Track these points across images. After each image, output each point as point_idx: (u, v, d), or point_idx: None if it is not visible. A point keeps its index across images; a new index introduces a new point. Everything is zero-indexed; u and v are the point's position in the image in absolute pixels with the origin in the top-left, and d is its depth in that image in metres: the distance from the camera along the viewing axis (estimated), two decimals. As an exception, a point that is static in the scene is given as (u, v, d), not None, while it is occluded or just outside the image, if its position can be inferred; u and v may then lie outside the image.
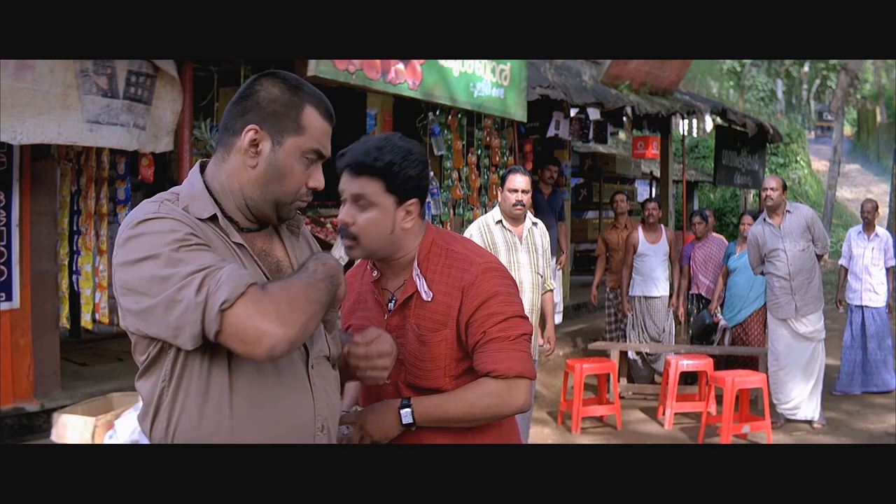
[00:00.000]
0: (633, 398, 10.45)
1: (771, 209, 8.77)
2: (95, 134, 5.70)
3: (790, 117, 40.63)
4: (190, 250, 2.12)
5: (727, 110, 15.16)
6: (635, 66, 11.94)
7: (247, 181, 2.34)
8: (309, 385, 2.41)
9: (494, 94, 8.64)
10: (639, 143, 13.90)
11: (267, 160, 2.32)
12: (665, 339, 10.55)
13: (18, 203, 6.64)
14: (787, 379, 8.79)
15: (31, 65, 5.16)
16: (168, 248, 2.10)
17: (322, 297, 2.21)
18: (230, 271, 2.09)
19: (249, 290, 2.07)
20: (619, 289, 10.92)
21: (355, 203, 2.75)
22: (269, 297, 2.09)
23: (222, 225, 2.32)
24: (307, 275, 2.22)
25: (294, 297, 2.14)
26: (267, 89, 2.34)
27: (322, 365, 2.48)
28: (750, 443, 8.37)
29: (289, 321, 2.10)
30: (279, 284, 2.15)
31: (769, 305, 8.99)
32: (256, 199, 2.36)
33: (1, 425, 6.48)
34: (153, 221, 2.16)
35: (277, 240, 2.50)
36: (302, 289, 2.16)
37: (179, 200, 2.31)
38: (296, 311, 2.13)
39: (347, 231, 2.74)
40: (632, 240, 10.54)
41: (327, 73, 6.44)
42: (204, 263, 2.10)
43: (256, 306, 2.07)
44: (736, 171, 16.72)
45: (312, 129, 2.34)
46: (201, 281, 2.07)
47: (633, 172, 20.36)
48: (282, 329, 2.08)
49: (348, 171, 2.75)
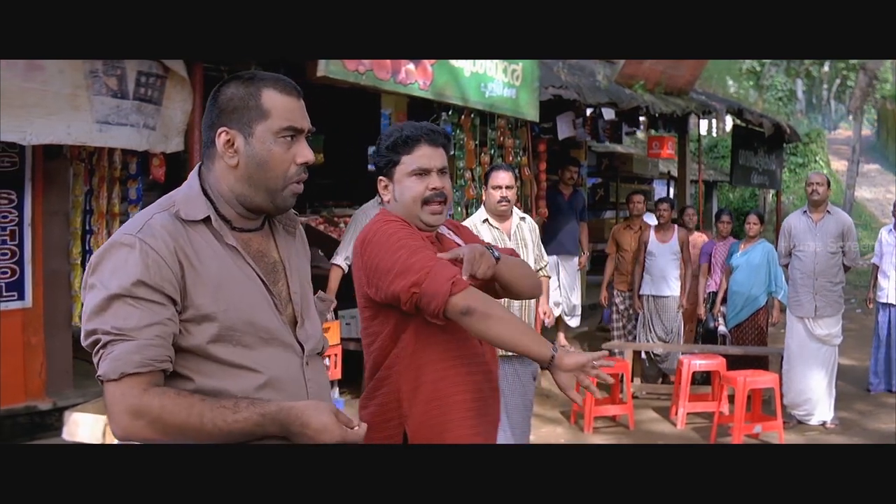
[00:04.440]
0: (646, 398, 10.44)
1: (816, 203, 8.84)
2: (105, 134, 5.74)
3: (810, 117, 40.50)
4: (125, 304, 2.20)
5: (743, 110, 15.13)
6: (650, 66, 11.92)
7: (234, 180, 2.40)
8: (304, 383, 2.46)
9: (506, 94, 8.65)
10: (654, 143, 13.88)
11: (245, 154, 2.38)
12: (673, 339, 10.53)
13: (31, 202, 6.69)
14: (797, 378, 8.78)
15: (41, 65, 5.20)
16: (112, 291, 2.21)
17: (218, 436, 2.23)
18: (124, 350, 2.18)
19: (125, 381, 2.17)
20: (627, 291, 10.93)
21: (440, 173, 3.29)
22: (153, 402, 2.18)
23: (215, 227, 2.36)
24: (228, 413, 2.23)
25: (181, 424, 2.20)
26: (224, 93, 2.41)
27: (314, 360, 2.54)
28: (762, 442, 8.35)
29: (148, 431, 2.20)
30: (184, 402, 2.20)
31: (789, 302, 9.00)
32: (248, 194, 2.41)
33: (14, 423, 6.53)
34: (124, 250, 2.25)
35: (273, 240, 2.54)
36: (197, 420, 2.20)
37: (175, 204, 2.37)
38: (169, 431, 2.21)
39: (443, 194, 3.28)
40: (643, 238, 10.55)
41: (337, 74, 6.46)
42: (120, 325, 2.19)
43: (126, 402, 2.18)
44: (753, 171, 16.68)
45: (277, 109, 2.39)
46: (104, 344, 2.20)
47: (651, 172, 20.30)
48: (132, 435, 2.21)
49: (430, 144, 3.28)
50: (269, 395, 2.33)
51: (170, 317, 2.23)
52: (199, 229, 2.35)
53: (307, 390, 2.45)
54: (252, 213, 2.46)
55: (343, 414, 2.30)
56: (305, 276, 2.63)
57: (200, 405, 2.20)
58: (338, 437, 2.24)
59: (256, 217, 2.49)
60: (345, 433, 2.26)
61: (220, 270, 2.33)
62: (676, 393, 9.22)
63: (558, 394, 10.02)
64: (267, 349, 2.38)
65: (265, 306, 2.40)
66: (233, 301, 2.32)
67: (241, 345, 2.33)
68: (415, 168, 3.27)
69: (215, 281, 2.31)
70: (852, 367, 11.28)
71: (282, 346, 2.42)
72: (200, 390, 2.27)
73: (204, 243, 2.34)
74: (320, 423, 2.24)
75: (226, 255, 2.37)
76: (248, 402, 2.25)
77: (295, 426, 2.24)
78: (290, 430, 2.25)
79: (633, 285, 10.73)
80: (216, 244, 2.36)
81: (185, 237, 2.31)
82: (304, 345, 2.48)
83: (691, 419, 9.15)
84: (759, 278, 9.73)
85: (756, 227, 10.05)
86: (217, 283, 2.31)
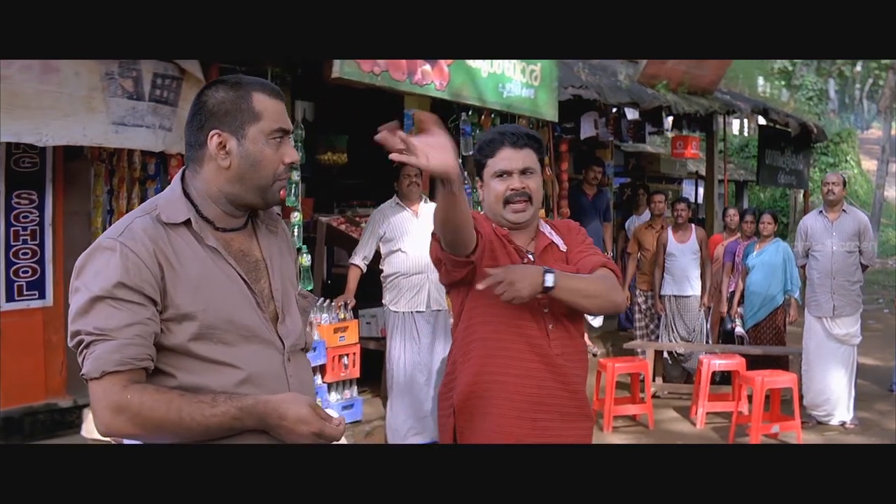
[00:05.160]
0: (668, 397, 10.44)
1: (832, 203, 8.87)
2: (121, 136, 5.82)
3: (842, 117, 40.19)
4: (106, 305, 2.28)
5: (769, 109, 15.05)
6: (672, 66, 11.88)
7: (225, 181, 2.47)
8: (286, 379, 2.51)
9: (525, 95, 8.66)
10: (678, 143, 13.83)
11: (238, 155, 2.45)
12: (696, 338, 10.52)
13: (51, 203, 6.81)
14: (816, 378, 8.76)
15: (56, 68, 5.27)
16: (94, 293, 2.29)
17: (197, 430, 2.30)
18: (105, 349, 2.26)
19: (106, 379, 2.25)
20: (649, 290, 10.93)
21: (523, 172, 3.42)
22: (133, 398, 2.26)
23: (196, 229, 2.43)
24: (206, 408, 2.29)
25: (160, 420, 2.27)
26: (212, 97, 2.48)
27: (297, 357, 2.60)
28: (780, 442, 8.34)
29: (130, 427, 2.28)
30: (162, 398, 2.28)
31: (807, 302, 9.00)
32: (240, 193, 2.48)
33: (34, 420, 6.63)
34: (106, 253, 2.33)
35: (255, 239, 2.60)
36: (176, 415, 2.27)
37: (157, 208, 2.44)
38: (149, 427, 2.28)
39: (525, 193, 3.41)
40: (661, 240, 10.56)
41: (352, 75, 6.49)
42: (102, 326, 2.27)
43: (107, 398, 2.26)
44: (780, 171, 16.59)
45: (267, 111, 2.47)
46: (87, 343, 2.28)
47: (678, 172, 20.22)
48: (114, 430, 2.29)
49: (513, 146, 3.43)
50: (249, 391, 2.38)
51: (150, 317, 2.30)
52: (181, 231, 2.42)
53: (289, 385, 2.50)
54: (238, 212, 2.53)
55: (321, 408, 2.36)
56: (289, 273, 2.69)
57: (179, 400, 2.27)
58: (315, 428, 2.29)
59: (240, 216, 2.55)
60: (322, 426, 2.30)
61: (199, 271, 2.40)
62: (696, 393, 9.22)
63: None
64: (247, 346, 2.43)
65: (245, 304, 2.46)
66: (212, 300, 2.39)
67: (221, 342, 2.39)
68: (496, 170, 3.44)
69: (195, 281, 2.38)
70: (876, 367, 11.23)
71: (262, 343, 2.47)
72: (182, 387, 2.33)
73: (184, 245, 2.41)
74: (297, 415, 2.29)
75: (206, 255, 2.43)
76: (225, 396, 2.31)
77: (272, 419, 2.30)
78: (268, 422, 2.31)
79: (654, 287, 10.73)
80: (197, 245, 2.43)
81: (166, 239, 2.38)
82: (285, 341, 2.54)
83: (711, 419, 9.13)
84: (775, 278, 9.71)
85: (770, 226, 10.04)
86: (197, 283, 2.38)
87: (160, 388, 2.30)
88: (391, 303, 7.57)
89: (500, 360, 3.39)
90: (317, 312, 7.65)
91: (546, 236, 3.55)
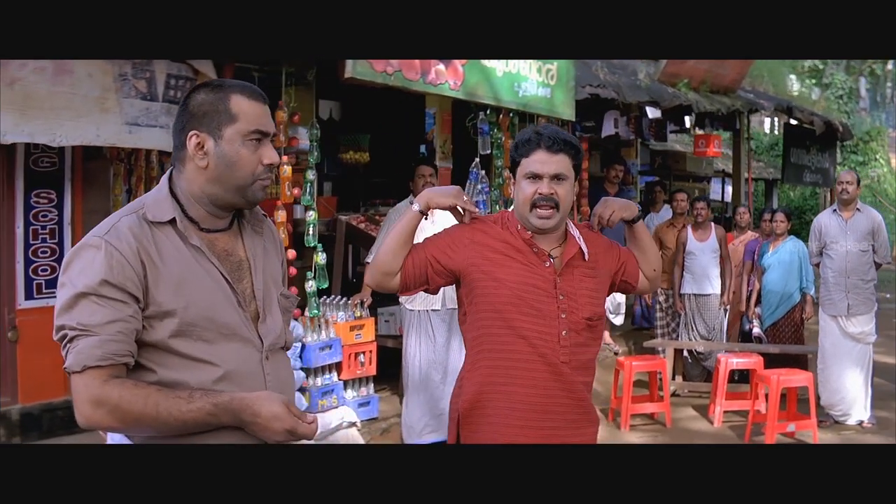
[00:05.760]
0: (688, 396, 10.43)
1: (845, 202, 8.84)
2: (135, 136, 5.89)
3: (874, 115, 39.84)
4: (90, 302, 2.35)
5: (793, 108, 14.99)
6: (693, 65, 11.87)
7: (204, 181, 2.53)
8: (263, 377, 2.57)
9: (541, 94, 8.68)
10: (700, 141, 13.82)
11: (215, 156, 2.51)
12: (716, 336, 10.51)
13: (70, 202, 6.91)
14: (832, 377, 8.75)
15: (70, 69, 5.35)
16: (79, 289, 2.36)
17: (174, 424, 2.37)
18: (87, 344, 2.34)
19: (87, 373, 2.33)
20: (671, 289, 10.93)
21: (554, 178, 3.38)
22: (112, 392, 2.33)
23: (181, 228, 2.50)
24: (182, 403, 2.36)
25: (138, 413, 2.34)
26: (193, 98, 2.54)
27: (276, 356, 2.65)
28: (796, 441, 8.32)
29: (109, 420, 2.36)
30: (140, 392, 2.35)
31: (822, 301, 8.98)
32: (219, 193, 2.54)
33: (52, 417, 6.73)
34: (91, 251, 2.41)
35: (240, 239, 2.67)
36: (153, 409, 2.34)
37: (144, 207, 2.52)
38: (127, 420, 2.36)
39: (552, 199, 3.36)
40: (681, 238, 10.56)
41: (364, 75, 6.52)
42: (85, 322, 2.34)
43: (88, 392, 2.33)
44: (805, 170, 16.58)
45: (245, 114, 2.52)
46: (71, 338, 2.36)
47: (705, 170, 20.16)
48: (94, 423, 2.36)
49: (548, 150, 3.38)
50: (226, 388, 2.45)
51: (132, 314, 2.37)
52: (166, 230, 2.49)
53: (266, 383, 2.56)
54: (222, 212, 2.59)
55: (296, 407, 2.43)
56: (273, 273, 2.76)
57: (156, 395, 2.34)
58: (288, 425, 2.36)
59: (224, 217, 2.61)
60: (295, 423, 2.38)
61: (182, 269, 2.47)
62: (714, 391, 9.23)
63: (599, 392, 10.07)
64: (226, 344, 2.50)
65: (226, 303, 2.52)
66: (193, 298, 2.45)
67: (200, 339, 2.46)
68: (528, 171, 3.40)
69: (177, 279, 2.45)
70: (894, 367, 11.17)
71: (241, 341, 2.54)
72: (162, 382, 2.41)
73: (169, 243, 2.48)
74: (270, 412, 2.36)
75: (189, 254, 2.50)
76: (202, 393, 2.38)
77: (246, 415, 2.37)
78: (243, 419, 2.38)
79: (673, 286, 10.73)
80: (181, 244, 2.50)
81: (150, 238, 2.45)
82: (265, 339, 2.60)
83: (729, 417, 9.13)
84: (792, 276, 9.72)
85: (784, 224, 10.05)
86: (178, 281, 2.45)
87: (139, 383, 2.36)
88: (407, 301, 7.61)
89: (506, 369, 3.39)
90: (333, 310, 7.72)
91: (575, 241, 3.51)
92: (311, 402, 7.26)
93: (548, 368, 3.38)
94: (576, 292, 3.44)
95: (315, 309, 7.42)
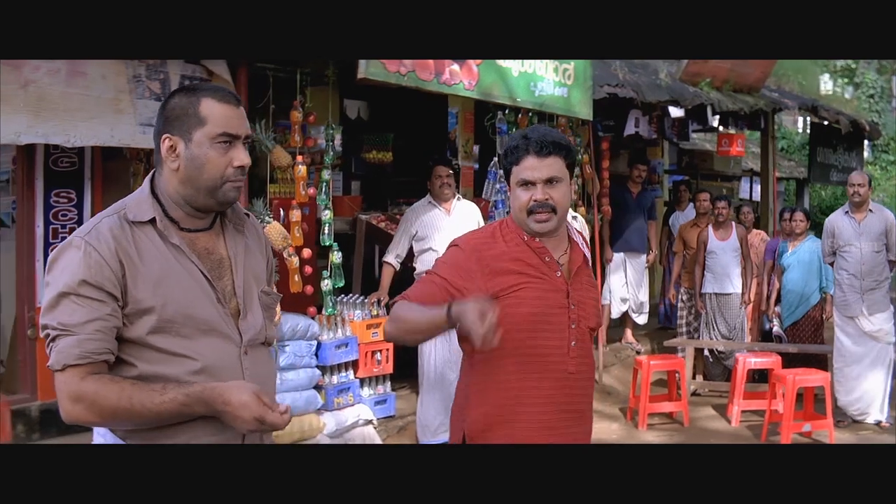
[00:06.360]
0: (708, 395, 10.45)
1: (858, 205, 8.80)
2: (148, 136, 5.92)
3: (907, 114, 39.45)
4: (70, 302, 2.45)
5: (818, 107, 14.91)
6: (715, 64, 11.83)
7: (178, 182, 2.61)
8: (241, 371, 2.65)
9: (557, 94, 8.69)
10: (723, 140, 13.79)
11: (185, 158, 2.59)
12: (737, 336, 10.50)
13: (90, 201, 7.01)
14: (851, 377, 8.72)
15: (83, 71, 5.44)
16: (60, 289, 2.47)
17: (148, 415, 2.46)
18: (66, 343, 2.44)
19: (67, 371, 2.43)
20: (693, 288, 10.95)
21: (548, 182, 3.28)
22: (89, 388, 2.43)
23: (160, 227, 2.59)
24: (156, 396, 2.45)
25: (114, 407, 2.44)
26: (170, 102, 2.64)
27: (256, 351, 2.73)
28: (813, 441, 8.31)
29: (88, 415, 2.46)
30: (115, 387, 2.44)
31: (837, 303, 8.97)
32: (191, 194, 2.62)
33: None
34: (72, 251, 2.51)
35: (222, 238, 2.74)
36: (127, 402, 2.43)
37: (125, 207, 2.61)
38: (104, 414, 2.45)
39: (548, 205, 3.27)
40: (702, 237, 10.56)
41: (377, 75, 6.54)
42: (65, 321, 2.45)
43: (67, 389, 2.44)
44: (832, 169, 16.51)
45: (214, 117, 2.59)
46: (53, 337, 2.47)
47: (733, 170, 20.02)
48: (74, 418, 2.46)
49: (538, 155, 3.27)
50: (204, 381, 2.52)
51: (110, 312, 2.47)
52: (146, 230, 2.58)
53: (244, 377, 2.64)
54: (199, 213, 2.67)
55: (267, 396, 2.50)
56: (256, 271, 2.83)
57: (130, 389, 2.43)
58: (256, 413, 2.43)
59: (203, 217, 2.69)
60: (263, 412, 2.44)
61: (161, 268, 2.56)
62: (732, 390, 9.23)
63: (619, 391, 10.11)
64: (205, 339, 2.59)
65: (205, 300, 2.61)
66: (171, 295, 2.54)
67: (179, 335, 2.55)
68: (520, 179, 3.31)
69: (155, 277, 2.54)
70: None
71: (220, 337, 2.62)
72: (143, 375, 2.50)
73: (148, 242, 2.57)
74: (239, 400, 2.43)
75: (169, 253, 2.59)
76: (175, 385, 2.47)
77: (218, 404, 2.44)
78: (215, 408, 2.45)
79: (694, 286, 10.74)
80: (160, 243, 2.59)
81: (130, 238, 2.54)
82: (244, 335, 2.68)
83: (747, 417, 9.14)
84: (812, 275, 9.73)
85: (802, 224, 10.07)
86: (157, 279, 2.54)
87: (115, 378, 2.46)
88: (424, 300, 7.63)
89: (520, 388, 3.31)
90: (350, 309, 7.79)
91: (579, 247, 3.50)
92: (327, 400, 7.33)
93: (558, 380, 3.35)
94: (584, 301, 3.42)
95: (331, 307, 7.47)
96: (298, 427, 6.90)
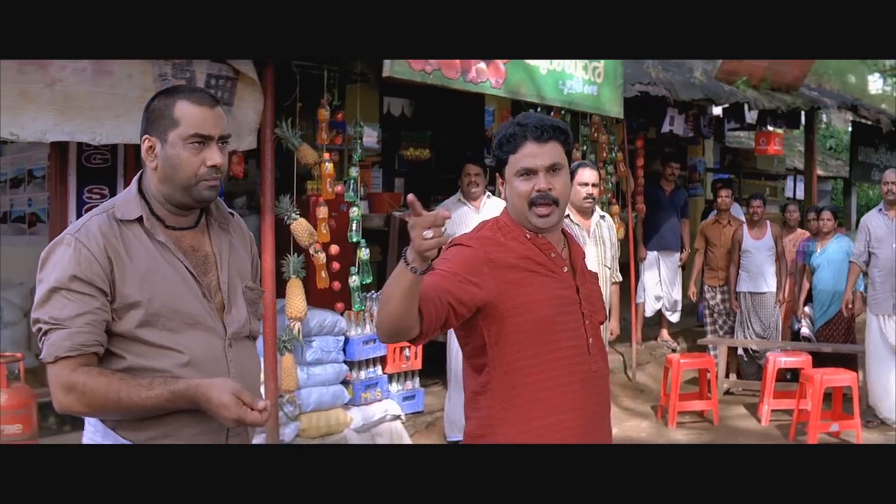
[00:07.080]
0: (741, 394, 10.44)
1: (891, 203, 8.81)
2: (174, 134, 6.07)
3: (958, 112, 38.95)
4: (61, 296, 2.57)
5: (858, 106, 14.78)
6: (751, 62, 11.75)
7: (157, 181, 2.74)
8: (226, 363, 2.76)
9: (587, 92, 8.67)
10: (761, 139, 13.71)
11: (161, 158, 2.71)
12: (771, 335, 10.47)
13: (122, 197, 7.11)
14: (879, 376, 8.68)
15: (109, 70, 5.54)
16: (51, 284, 2.59)
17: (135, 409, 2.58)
18: (58, 337, 2.55)
19: (59, 363, 2.54)
20: (719, 286, 10.93)
21: (550, 170, 3.09)
22: (79, 379, 2.55)
23: (147, 226, 2.71)
24: (142, 391, 2.56)
25: (102, 399, 2.56)
26: (151, 104, 2.76)
27: (241, 344, 2.84)
28: (841, 441, 8.28)
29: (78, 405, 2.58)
30: (104, 381, 2.56)
31: (868, 301, 8.92)
32: (170, 192, 2.74)
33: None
34: (63, 248, 2.64)
35: (208, 236, 2.86)
36: (115, 395, 2.55)
37: (114, 206, 2.73)
38: (93, 405, 2.58)
39: (550, 196, 3.08)
40: (737, 236, 10.54)
41: (402, 74, 6.57)
42: (56, 315, 2.56)
43: (58, 380, 2.56)
44: (874, 168, 16.37)
45: (187, 118, 2.70)
46: (45, 331, 2.59)
47: (776, 168, 19.85)
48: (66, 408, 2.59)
49: (537, 141, 3.08)
50: (191, 373, 2.64)
51: (100, 306, 2.59)
52: (133, 228, 2.71)
53: (228, 369, 2.76)
54: (181, 210, 2.78)
55: (248, 395, 2.59)
56: (240, 267, 2.96)
57: (118, 383, 2.55)
58: (234, 414, 2.54)
59: (186, 215, 2.81)
60: (242, 413, 2.55)
61: (147, 264, 2.68)
62: (763, 390, 9.22)
63: (652, 389, 10.11)
64: (190, 332, 2.70)
65: (190, 294, 2.73)
66: (158, 290, 2.66)
67: (166, 329, 2.67)
68: (519, 168, 3.10)
69: (142, 273, 2.66)
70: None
71: (205, 330, 2.74)
72: (132, 368, 2.62)
73: (136, 240, 2.69)
74: (219, 400, 2.55)
75: (155, 250, 2.71)
76: (161, 380, 2.58)
77: (202, 401, 2.56)
78: (199, 404, 2.57)
79: (730, 285, 10.72)
80: (147, 241, 2.71)
81: (118, 235, 2.66)
82: (229, 328, 2.80)
83: (777, 416, 9.12)
84: (843, 274, 9.65)
85: (830, 223, 10.03)
86: (144, 275, 2.66)
87: (104, 371, 2.58)
88: (450, 296, 7.67)
89: (547, 401, 3.08)
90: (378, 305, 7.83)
91: (576, 241, 3.36)
92: (355, 395, 7.41)
93: (583, 382, 3.15)
94: (591, 295, 3.28)
95: (359, 303, 7.54)
96: (325, 421, 6.99)
